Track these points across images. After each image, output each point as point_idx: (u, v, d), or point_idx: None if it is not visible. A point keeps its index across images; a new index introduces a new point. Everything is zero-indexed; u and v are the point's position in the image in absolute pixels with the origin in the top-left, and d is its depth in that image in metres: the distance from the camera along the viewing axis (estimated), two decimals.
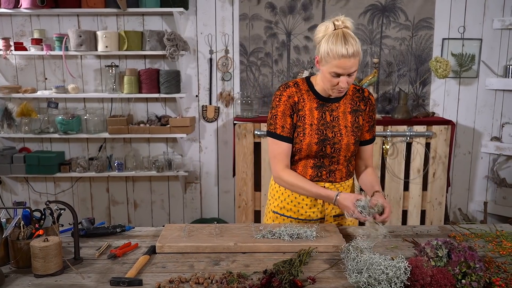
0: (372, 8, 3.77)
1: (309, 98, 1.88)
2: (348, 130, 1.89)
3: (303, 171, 1.92)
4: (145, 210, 4.16)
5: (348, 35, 1.71)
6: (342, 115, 1.89)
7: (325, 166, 1.91)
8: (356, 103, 1.92)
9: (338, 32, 1.72)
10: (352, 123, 1.90)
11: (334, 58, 1.71)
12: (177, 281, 1.41)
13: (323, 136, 1.86)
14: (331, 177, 1.92)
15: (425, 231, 1.89)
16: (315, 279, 1.42)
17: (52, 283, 1.43)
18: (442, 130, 3.56)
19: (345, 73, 1.74)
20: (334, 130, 1.87)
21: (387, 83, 3.88)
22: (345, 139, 1.88)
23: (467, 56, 3.81)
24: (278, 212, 1.99)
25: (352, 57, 1.70)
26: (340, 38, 1.70)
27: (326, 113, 1.88)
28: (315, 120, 1.87)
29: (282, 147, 1.88)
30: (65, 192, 4.10)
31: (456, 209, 4.04)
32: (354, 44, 1.70)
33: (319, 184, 1.90)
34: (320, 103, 1.88)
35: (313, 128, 1.86)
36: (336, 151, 1.88)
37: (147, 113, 3.99)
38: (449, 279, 1.31)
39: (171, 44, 3.61)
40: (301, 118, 1.87)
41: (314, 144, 1.86)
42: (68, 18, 3.83)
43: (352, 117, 1.90)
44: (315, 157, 1.89)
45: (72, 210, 1.58)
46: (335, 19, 1.75)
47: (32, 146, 4.03)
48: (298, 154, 1.90)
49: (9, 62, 3.92)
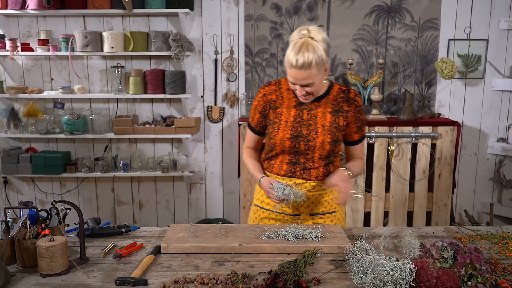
0: (377, 9, 3.76)
1: (288, 97, 1.94)
2: (325, 129, 1.91)
3: (279, 166, 1.99)
4: (150, 210, 4.17)
5: (306, 46, 1.72)
6: (321, 114, 1.93)
7: (300, 163, 1.95)
8: (338, 103, 1.94)
9: (298, 41, 1.74)
10: (330, 123, 1.92)
11: (287, 67, 1.78)
12: (182, 281, 1.41)
13: (296, 133, 1.91)
14: (305, 174, 1.96)
15: (430, 232, 1.88)
16: (320, 280, 1.42)
17: (58, 282, 1.43)
18: (448, 131, 3.55)
19: (296, 83, 1.79)
20: (309, 128, 1.91)
21: (392, 84, 3.87)
22: (320, 138, 1.91)
23: (473, 57, 3.80)
24: (259, 205, 2.07)
25: (302, 69, 1.73)
26: (296, 48, 1.73)
27: (303, 111, 1.93)
28: (291, 117, 1.92)
29: (250, 134, 2.08)
30: (70, 192, 4.11)
31: (462, 210, 4.02)
32: (307, 56, 1.70)
33: (293, 180, 1.95)
34: (299, 101, 1.93)
35: (287, 124, 1.92)
36: (310, 148, 1.92)
37: (152, 114, 4.00)
38: (455, 281, 1.30)
39: (177, 45, 3.61)
40: (278, 115, 1.94)
41: (286, 139, 1.91)
42: (74, 19, 3.85)
43: (332, 117, 1.93)
44: (290, 153, 1.95)
45: (78, 210, 1.59)
46: (302, 28, 1.77)
47: (38, 146, 4.05)
48: (274, 149, 1.97)
49: (16, 62, 3.94)
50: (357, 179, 3.56)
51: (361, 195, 3.57)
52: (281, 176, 1.97)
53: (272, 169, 2.01)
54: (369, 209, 3.64)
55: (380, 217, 3.64)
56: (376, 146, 3.55)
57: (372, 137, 3.52)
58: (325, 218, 2.02)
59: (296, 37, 1.77)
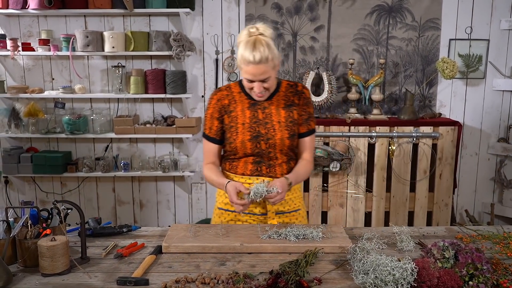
0: (378, 9, 3.76)
1: (240, 100, 1.96)
2: (282, 125, 1.93)
3: (244, 167, 1.98)
4: (151, 210, 4.17)
5: (259, 42, 1.76)
6: (275, 112, 1.94)
7: (264, 161, 1.96)
8: (289, 98, 1.97)
9: (250, 39, 1.77)
10: (286, 118, 1.95)
11: (244, 64, 1.78)
12: (183, 281, 1.41)
13: (255, 133, 1.92)
14: (271, 172, 1.96)
15: (431, 232, 1.88)
16: (321, 280, 1.42)
17: (59, 282, 1.43)
18: (448, 131, 3.54)
19: (255, 79, 1.81)
20: (267, 126, 1.93)
21: (393, 83, 3.87)
22: (279, 134, 1.92)
23: (474, 57, 3.79)
24: (223, 208, 2.04)
25: (260, 63, 1.76)
26: (249, 45, 1.76)
27: (258, 111, 1.95)
28: (247, 119, 1.94)
29: (208, 146, 2.02)
30: (71, 191, 4.12)
31: (463, 210, 4.02)
32: (263, 51, 1.75)
33: (259, 178, 1.94)
34: (252, 102, 1.95)
35: (245, 126, 1.93)
36: (271, 146, 1.93)
37: (153, 114, 4.00)
38: (456, 281, 1.30)
39: (177, 45, 3.61)
40: (234, 119, 1.95)
41: (247, 141, 1.92)
42: (75, 18, 3.85)
43: (286, 112, 1.95)
44: (253, 154, 1.95)
45: (79, 209, 1.59)
46: (250, 27, 1.81)
47: (39, 146, 4.05)
48: (237, 153, 1.96)
49: (17, 62, 3.94)
50: (357, 179, 3.56)
51: (362, 195, 3.57)
52: (247, 176, 1.96)
53: (236, 170, 1.98)
54: (370, 209, 3.64)
55: (381, 217, 3.64)
56: (377, 146, 3.55)
57: (373, 137, 3.52)
58: (291, 216, 2.04)
59: (246, 36, 1.79)
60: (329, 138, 3.55)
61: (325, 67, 3.84)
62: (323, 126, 3.54)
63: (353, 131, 3.53)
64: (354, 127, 3.53)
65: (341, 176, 3.57)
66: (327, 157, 3.43)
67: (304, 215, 2.12)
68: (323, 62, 3.85)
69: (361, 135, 3.53)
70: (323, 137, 3.55)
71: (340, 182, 3.58)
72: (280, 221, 2.00)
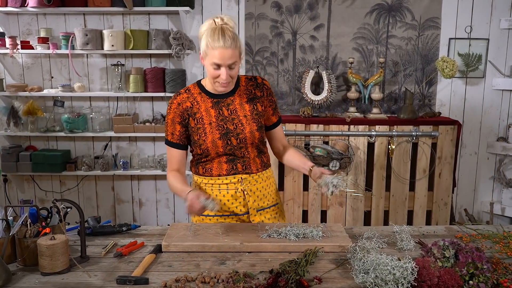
0: (378, 8, 3.76)
1: (202, 100, 1.93)
2: (248, 118, 1.93)
3: (218, 167, 1.95)
4: (150, 208, 4.17)
5: (226, 29, 1.78)
6: (239, 107, 1.94)
7: (238, 158, 1.95)
8: (251, 92, 1.97)
9: (216, 27, 1.78)
10: (251, 111, 1.94)
11: (212, 49, 1.76)
12: (183, 280, 1.41)
13: (224, 130, 1.91)
14: (247, 168, 1.96)
15: (431, 231, 1.88)
16: (322, 279, 1.42)
17: (59, 281, 1.43)
18: (448, 130, 3.54)
19: (224, 63, 1.78)
20: (234, 122, 1.92)
21: (393, 82, 3.87)
22: (248, 128, 1.92)
23: (473, 56, 3.79)
24: (203, 214, 1.94)
25: (230, 48, 1.76)
26: (217, 31, 1.76)
27: (223, 108, 1.93)
28: (213, 118, 1.91)
29: (172, 153, 1.96)
30: (70, 190, 4.11)
31: (462, 209, 4.02)
32: (231, 36, 1.77)
33: (236, 177, 1.94)
34: (215, 101, 1.93)
35: (212, 125, 1.90)
36: (242, 141, 1.92)
37: (152, 112, 3.99)
38: (456, 280, 1.30)
39: (177, 43, 3.61)
40: (199, 120, 1.91)
41: (217, 139, 1.90)
42: (74, 17, 3.84)
43: (250, 105, 1.95)
44: (225, 153, 1.93)
45: (79, 208, 1.59)
46: (215, 17, 1.82)
47: (38, 144, 4.04)
48: (208, 154, 1.93)
49: (16, 60, 3.94)
50: (357, 178, 3.56)
51: (361, 194, 3.57)
52: (224, 176, 1.94)
53: (211, 172, 1.95)
54: (369, 208, 3.64)
55: (380, 216, 3.64)
56: (376, 145, 3.55)
57: (372, 136, 3.52)
58: (271, 211, 2.05)
59: (211, 25, 1.80)
60: (329, 137, 3.55)
61: (325, 66, 3.84)
62: (323, 125, 3.54)
63: (352, 130, 3.53)
64: (354, 126, 3.53)
65: (341, 175, 3.56)
66: (327, 156, 3.43)
67: (282, 208, 2.16)
68: (322, 61, 3.85)
69: (361, 134, 3.53)
70: (322, 136, 3.55)
71: None
72: (261, 218, 2.00)
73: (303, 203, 3.61)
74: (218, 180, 1.95)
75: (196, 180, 2.03)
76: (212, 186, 1.97)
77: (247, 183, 1.96)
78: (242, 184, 1.95)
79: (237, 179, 1.94)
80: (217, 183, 1.95)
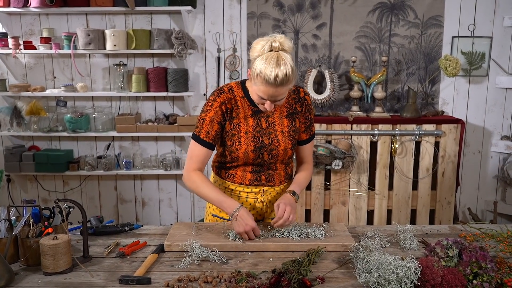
0: (381, 6, 3.74)
1: (243, 105, 1.83)
2: (285, 135, 1.85)
3: (242, 176, 1.90)
4: (153, 208, 4.17)
5: (282, 61, 1.62)
6: (278, 120, 1.85)
7: (264, 171, 1.89)
8: (292, 105, 1.87)
9: (272, 55, 1.63)
10: (288, 127, 1.86)
11: (262, 83, 1.64)
12: (186, 280, 1.41)
13: (259, 144, 1.83)
14: (270, 181, 1.91)
15: (435, 230, 1.87)
16: (324, 279, 1.42)
17: (61, 281, 1.43)
18: (451, 129, 3.53)
19: (270, 99, 1.69)
20: (270, 136, 1.84)
21: (395, 81, 3.86)
22: (282, 145, 1.85)
23: (477, 54, 3.78)
24: (218, 215, 1.91)
25: (280, 86, 1.63)
26: (272, 64, 1.61)
27: (261, 119, 1.84)
28: (250, 127, 1.83)
29: (202, 152, 1.83)
30: (73, 190, 4.12)
31: (466, 208, 4.01)
32: (285, 72, 1.61)
33: (258, 188, 1.89)
34: (255, 109, 1.83)
35: (248, 136, 1.82)
36: (273, 157, 1.86)
37: (155, 112, 3.99)
38: (460, 280, 1.30)
39: (179, 43, 3.61)
40: (236, 126, 1.83)
41: (250, 152, 1.83)
42: (76, 17, 3.84)
43: (289, 120, 1.87)
44: (253, 164, 1.87)
45: (81, 208, 1.59)
46: (273, 40, 1.66)
47: (41, 144, 4.05)
48: (236, 162, 1.87)
49: (19, 60, 3.94)
50: (360, 177, 3.55)
51: (364, 193, 3.56)
52: (246, 185, 1.90)
53: (233, 179, 1.91)
54: (372, 207, 3.63)
55: (383, 215, 3.63)
56: (379, 144, 3.54)
57: (375, 135, 3.51)
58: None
59: (266, 50, 1.64)
60: (331, 136, 3.54)
61: (327, 65, 3.83)
62: (325, 124, 3.53)
63: (355, 129, 3.52)
64: (357, 125, 3.52)
65: (344, 174, 3.56)
66: (329, 155, 3.42)
67: None
68: (325, 60, 3.84)
69: (364, 133, 3.52)
70: (325, 135, 3.55)
71: (342, 180, 3.57)
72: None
73: (306, 203, 3.61)
74: (239, 188, 1.91)
75: (216, 181, 1.99)
76: (232, 192, 1.93)
77: (268, 194, 1.93)
78: (263, 195, 1.92)
79: (258, 190, 1.91)
80: (237, 190, 1.92)
